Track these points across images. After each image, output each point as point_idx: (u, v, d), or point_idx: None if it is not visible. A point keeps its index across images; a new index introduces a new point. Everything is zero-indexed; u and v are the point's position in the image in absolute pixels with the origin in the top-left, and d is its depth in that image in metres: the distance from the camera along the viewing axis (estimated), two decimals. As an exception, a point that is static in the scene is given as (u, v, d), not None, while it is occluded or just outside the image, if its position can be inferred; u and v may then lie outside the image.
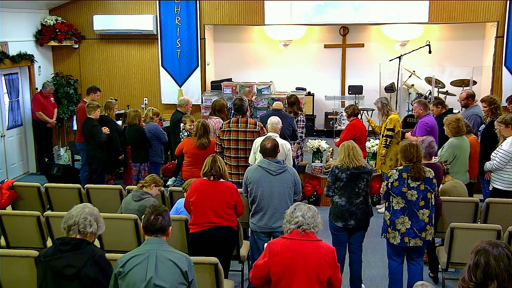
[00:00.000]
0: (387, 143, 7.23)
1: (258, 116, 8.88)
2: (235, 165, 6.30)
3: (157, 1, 10.41)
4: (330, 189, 5.16)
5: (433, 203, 4.84)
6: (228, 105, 8.07)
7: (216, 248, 4.71)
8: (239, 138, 6.32)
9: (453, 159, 6.03)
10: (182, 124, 7.43)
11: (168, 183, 8.21)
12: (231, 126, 6.40)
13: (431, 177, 4.80)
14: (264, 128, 6.41)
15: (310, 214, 3.51)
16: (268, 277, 3.50)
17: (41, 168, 9.75)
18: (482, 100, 7.38)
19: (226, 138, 6.36)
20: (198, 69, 10.62)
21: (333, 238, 5.25)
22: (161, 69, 10.72)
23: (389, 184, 4.82)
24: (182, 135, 7.25)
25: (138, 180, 7.70)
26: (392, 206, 4.83)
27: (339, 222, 5.10)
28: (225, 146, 6.38)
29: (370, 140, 8.29)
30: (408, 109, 10.84)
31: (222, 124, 6.54)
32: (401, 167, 4.85)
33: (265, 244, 3.64)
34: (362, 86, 11.45)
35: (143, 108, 10.44)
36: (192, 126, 7.07)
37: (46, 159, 9.79)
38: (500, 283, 2.56)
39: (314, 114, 11.46)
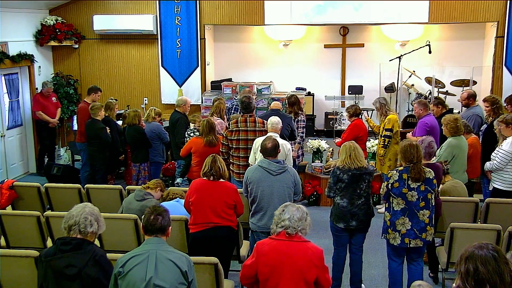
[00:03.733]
0: (385, 144, 7.22)
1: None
2: (243, 165, 6.22)
3: (157, 1, 10.41)
4: (331, 190, 5.14)
5: (433, 204, 4.83)
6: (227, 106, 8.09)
7: (216, 248, 4.71)
8: (249, 137, 6.27)
9: (451, 159, 6.02)
10: (192, 124, 7.43)
11: (177, 181, 8.15)
12: (239, 125, 6.36)
13: (431, 177, 4.79)
14: None
15: (298, 216, 3.46)
16: (256, 277, 3.51)
17: (41, 168, 9.72)
18: (485, 100, 7.38)
19: (235, 138, 6.33)
20: (198, 69, 10.62)
21: (334, 239, 5.25)
22: (161, 69, 10.73)
23: (389, 185, 4.80)
24: (193, 134, 7.22)
25: (138, 180, 7.70)
26: (392, 207, 4.82)
27: (341, 223, 5.08)
28: (234, 146, 6.36)
29: (370, 140, 8.29)
30: (408, 109, 10.84)
31: (229, 124, 6.49)
32: (401, 168, 4.84)
33: (255, 244, 3.64)
34: (362, 86, 11.45)
35: (143, 108, 10.44)
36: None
37: (47, 159, 9.77)
38: (493, 286, 2.54)
39: (314, 114, 11.47)
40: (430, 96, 10.03)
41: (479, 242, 2.68)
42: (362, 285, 5.38)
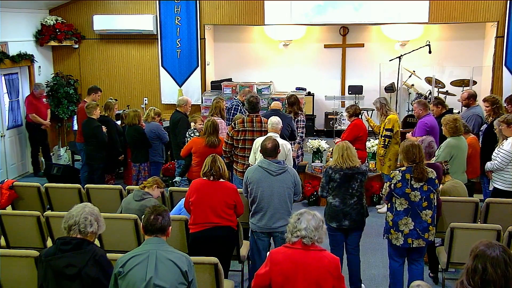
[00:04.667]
0: (386, 144, 7.22)
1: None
2: (249, 165, 6.20)
3: (157, 1, 10.41)
4: (324, 190, 5.17)
5: (435, 204, 4.83)
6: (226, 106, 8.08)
7: (216, 248, 4.70)
8: (255, 138, 6.26)
9: (450, 159, 6.02)
10: (192, 124, 7.41)
11: (176, 179, 8.13)
12: (246, 126, 6.36)
13: (433, 177, 4.78)
14: None
15: (314, 226, 3.35)
16: (269, 286, 3.42)
17: (36, 171, 9.68)
18: (485, 100, 7.38)
19: (242, 138, 6.33)
20: (198, 69, 10.62)
21: (329, 239, 5.25)
22: (161, 69, 10.73)
23: (392, 185, 4.79)
24: (193, 134, 7.21)
25: (138, 180, 7.69)
26: (395, 207, 4.81)
27: (334, 222, 5.09)
28: (240, 146, 6.35)
29: (370, 140, 8.29)
30: (408, 109, 10.84)
31: (235, 124, 6.47)
32: (404, 168, 4.82)
33: (268, 253, 3.59)
34: (362, 86, 11.45)
35: (143, 108, 10.44)
36: (202, 125, 7.05)
37: (44, 160, 9.73)
38: None
39: (314, 114, 11.46)
40: (430, 96, 10.03)
41: (489, 241, 2.68)
42: (362, 285, 5.38)
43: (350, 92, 11.47)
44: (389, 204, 4.92)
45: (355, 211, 5.08)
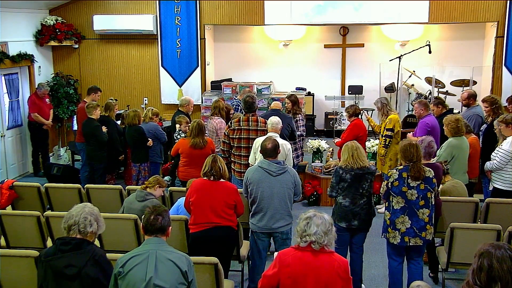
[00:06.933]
0: (386, 143, 7.23)
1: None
2: (245, 164, 6.25)
3: (157, 1, 10.42)
4: (333, 190, 5.14)
5: (433, 203, 4.84)
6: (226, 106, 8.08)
7: (216, 248, 4.70)
8: (250, 136, 6.29)
9: (451, 159, 6.02)
10: (177, 125, 7.43)
11: (165, 178, 8.15)
12: (241, 124, 6.36)
13: (431, 176, 4.80)
14: None
15: (323, 231, 3.29)
16: None
17: (36, 170, 9.69)
18: (484, 100, 7.38)
19: (237, 137, 6.34)
20: (198, 69, 10.62)
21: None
22: (161, 69, 10.73)
23: (389, 183, 4.81)
24: (179, 136, 7.25)
25: (138, 180, 7.69)
26: (392, 205, 4.83)
27: (343, 222, 5.08)
28: (235, 145, 6.36)
29: (370, 140, 8.30)
30: (408, 109, 10.85)
31: (231, 122, 6.48)
32: (401, 167, 4.85)
33: (275, 254, 3.54)
34: (362, 86, 11.46)
35: (143, 108, 10.44)
36: (188, 127, 7.07)
37: (42, 160, 9.73)
38: (504, 285, 2.55)
39: (314, 114, 11.47)
40: (430, 96, 10.03)
41: (496, 242, 2.71)
42: (362, 285, 5.38)
43: (350, 92, 11.48)
44: (386, 202, 4.94)
45: (364, 211, 5.08)
